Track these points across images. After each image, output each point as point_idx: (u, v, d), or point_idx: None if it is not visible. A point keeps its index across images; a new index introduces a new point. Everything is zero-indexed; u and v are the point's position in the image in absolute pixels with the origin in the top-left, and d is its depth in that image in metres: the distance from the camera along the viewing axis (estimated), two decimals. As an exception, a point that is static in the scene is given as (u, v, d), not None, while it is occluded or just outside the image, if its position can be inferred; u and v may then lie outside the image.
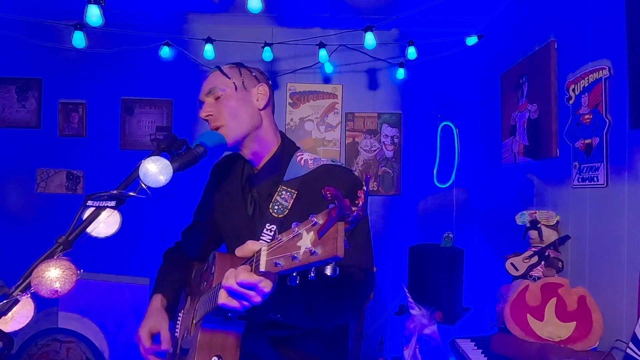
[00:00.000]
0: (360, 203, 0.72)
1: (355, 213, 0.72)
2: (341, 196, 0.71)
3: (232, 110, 1.29)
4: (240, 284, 0.86)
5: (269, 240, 1.16)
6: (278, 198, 1.27)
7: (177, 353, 1.41)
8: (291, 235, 0.80)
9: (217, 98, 1.31)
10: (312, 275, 0.77)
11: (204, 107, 1.32)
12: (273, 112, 1.43)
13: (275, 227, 1.24)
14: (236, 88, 1.32)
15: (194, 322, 1.32)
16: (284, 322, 1.07)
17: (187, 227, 1.61)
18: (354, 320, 1.79)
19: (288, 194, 1.27)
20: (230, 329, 1.22)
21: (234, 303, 0.91)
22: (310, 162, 1.33)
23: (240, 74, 1.34)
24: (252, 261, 0.89)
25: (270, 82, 1.44)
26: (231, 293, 0.90)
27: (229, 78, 1.32)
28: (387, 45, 3.18)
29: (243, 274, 0.86)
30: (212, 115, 1.29)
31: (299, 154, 1.37)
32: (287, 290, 0.93)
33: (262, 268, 0.83)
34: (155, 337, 1.38)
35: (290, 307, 1.00)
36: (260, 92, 1.36)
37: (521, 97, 2.47)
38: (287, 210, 1.25)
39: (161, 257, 1.64)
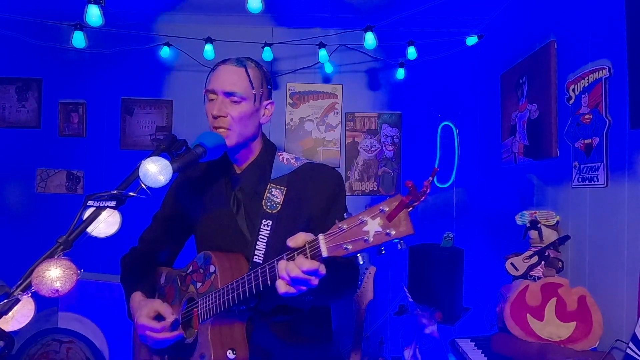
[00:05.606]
0: (427, 192, 0.84)
1: (419, 201, 0.86)
2: (416, 187, 0.84)
3: (244, 120, 1.30)
4: (306, 272, 0.97)
5: (267, 234, 1.29)
6: (269, 195, 1.33)
7: (164, 358, 1.42)
8: (356, 223, 0.91)
9: (234, 101, 1.29)
10: (384, 252, 0.92)
11: (219, 106, 1.27)
12: None
13: (271, 222, 1.31)
14: (254, 100, 1.31)
15: (197, 322, 1.32)
16: (309, 304, 1.20)
17: (151, 234, 1.58)
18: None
19: (278, 190, 1.34)
20: (234, 320, 1.27)
21: (292, 290, 1.01)
22: (292, 160, 1.41)
23: (262, 85, 1.34)
24: (305, 250, 0.99)
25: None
26: (294, 281, 0.99)
27: (253, 89, 1.30)
28: (387, 45, 3.18)
29: (306, 262, 0.97)
30: (225, 117, 1.27)
31: (279, 153, 1.44)
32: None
33: (325, 254, 0.95)
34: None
35: (321, 287, 1.05)
36: (267, 109, 1.39)
37: (521, 97, 2.47)
38: (280, 206, 1.32)
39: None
